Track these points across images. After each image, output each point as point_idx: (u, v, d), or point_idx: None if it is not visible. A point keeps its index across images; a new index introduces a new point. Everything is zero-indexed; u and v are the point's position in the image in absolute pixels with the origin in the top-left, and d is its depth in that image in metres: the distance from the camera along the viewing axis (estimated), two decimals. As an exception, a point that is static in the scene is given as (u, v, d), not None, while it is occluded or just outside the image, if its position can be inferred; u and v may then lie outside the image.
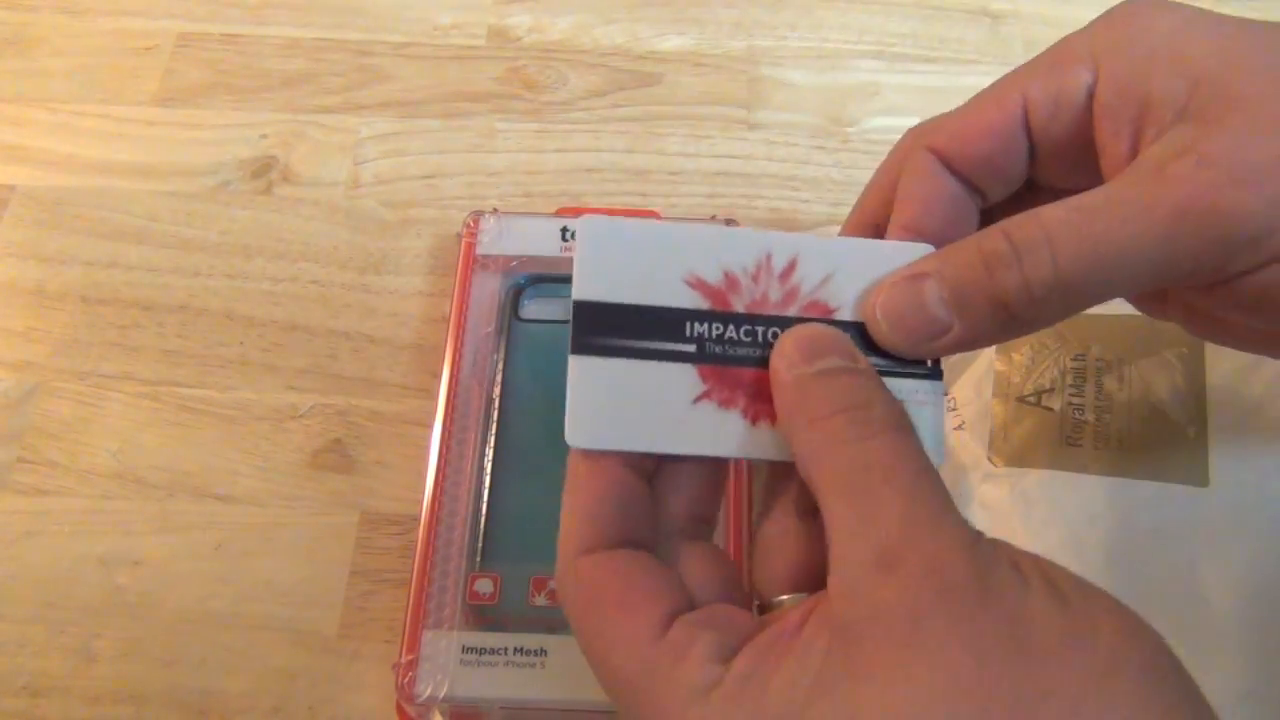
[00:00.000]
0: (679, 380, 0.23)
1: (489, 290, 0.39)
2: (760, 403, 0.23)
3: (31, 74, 0.48)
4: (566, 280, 0.23)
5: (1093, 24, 0.24)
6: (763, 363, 0.23)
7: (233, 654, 0.36)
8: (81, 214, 0.44)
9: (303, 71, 0.48)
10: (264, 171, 0.46)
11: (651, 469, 0.23)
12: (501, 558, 0.35)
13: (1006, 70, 0.25)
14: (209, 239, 0.44)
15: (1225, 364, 0.36)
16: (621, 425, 0.22)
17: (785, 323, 0.23)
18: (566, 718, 0.33)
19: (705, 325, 0.23)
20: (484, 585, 0.34)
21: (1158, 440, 0.35)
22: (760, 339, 0.23)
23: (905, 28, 0.50)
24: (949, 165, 0.25)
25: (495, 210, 0.41)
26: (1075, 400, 0.36)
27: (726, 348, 0.23)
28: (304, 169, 0.46)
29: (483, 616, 0.34)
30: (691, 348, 0.23)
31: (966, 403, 0.38)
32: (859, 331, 0.24)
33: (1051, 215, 0.21)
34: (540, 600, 0.34)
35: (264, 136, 0.46)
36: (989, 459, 0.36)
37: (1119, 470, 0.35)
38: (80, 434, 0.40)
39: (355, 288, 0.43)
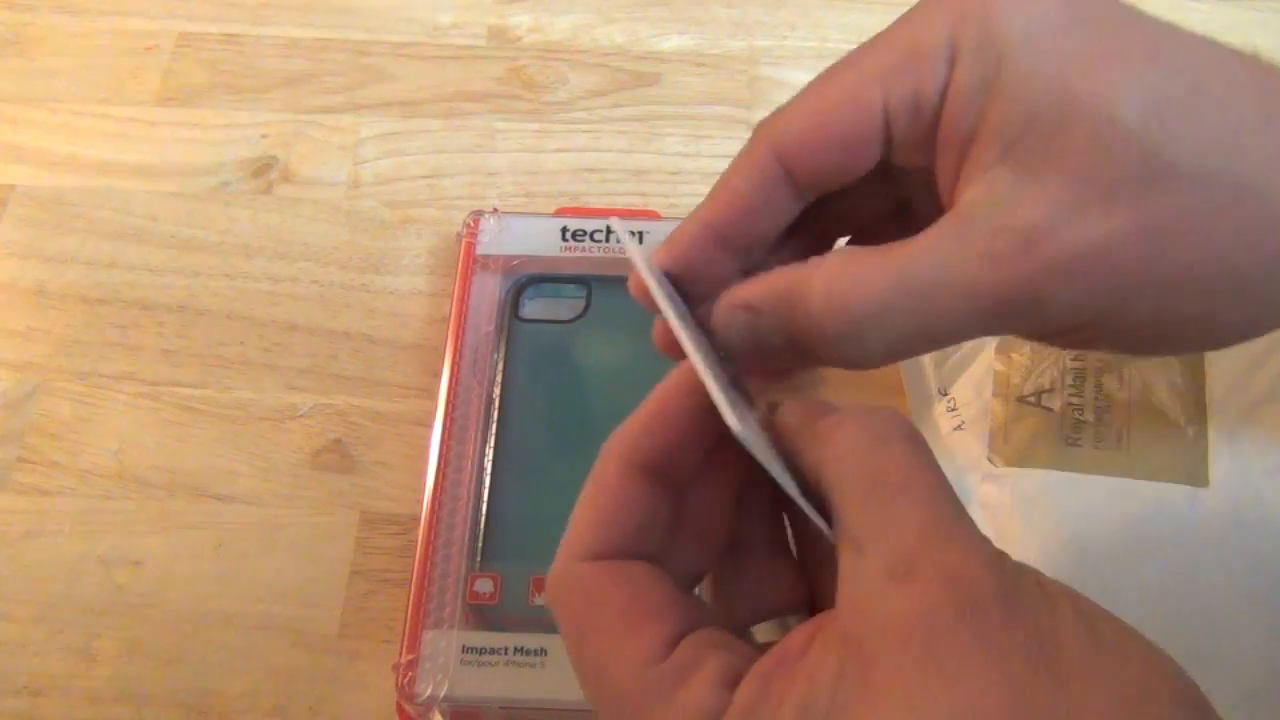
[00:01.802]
0: None
1: (489, 290, 0.39)
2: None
3: (31, 74, 0.48)
4: (567, 280, 0.23)
5: None
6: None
7: (233, 654, 0.36)
8: (81, 214, 0.44)
9: (303, 71, 0.48)
10: (264, 171, 0.46)
11: (682, 484, 0.22)
12: (501, 558, 0.35)
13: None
14: (209, 239, 0.44)
15: (1225, 364, 0.36)
16: None
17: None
18: (566, 718, 0.33)
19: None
20: (484, 585, 0.34)
21: (1158, 440, 0.35)
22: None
23: (905, 28, 0.50)
24: (793, 175, 0.23)
25: (495, 210, 0.41)
26: (1075, 400, 0.36)
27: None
28: (304, 169, 0.46)
29: (483, 616, 0.34)
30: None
31: (966, 403, 0.38)
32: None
33: (870, 265, 0.21)
34: (540, 600, 0.33)
35: (264, 136, 0.46)
36: (989, 459, 0.36)
37: (1119, 470, 0.35)
38: (80, 434, 0.40)
39: (355, 288, 0.43)
